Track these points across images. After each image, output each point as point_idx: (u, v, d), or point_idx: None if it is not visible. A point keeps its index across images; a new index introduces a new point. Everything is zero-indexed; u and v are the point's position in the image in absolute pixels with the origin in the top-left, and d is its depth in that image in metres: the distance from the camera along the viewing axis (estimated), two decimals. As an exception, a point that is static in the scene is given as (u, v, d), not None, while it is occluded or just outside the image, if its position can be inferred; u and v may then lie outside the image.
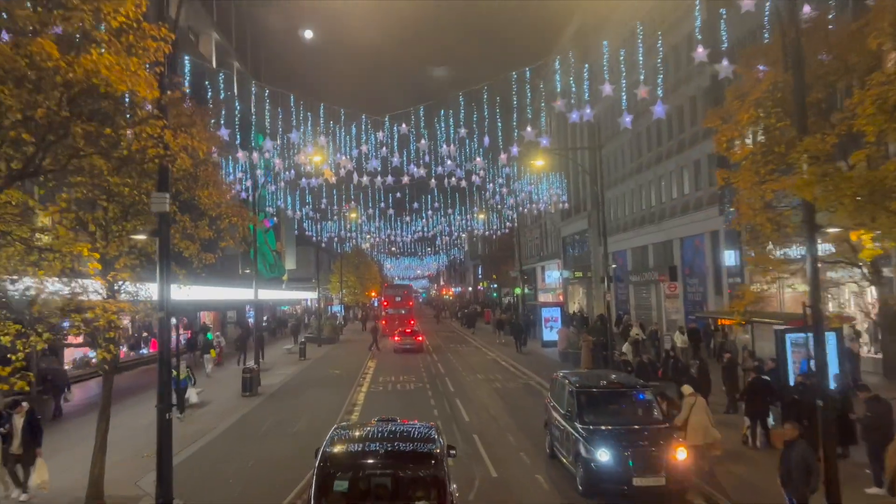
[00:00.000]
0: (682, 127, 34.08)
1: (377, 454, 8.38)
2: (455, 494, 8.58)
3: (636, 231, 39.81)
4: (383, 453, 8.37)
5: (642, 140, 39.33)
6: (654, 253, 38.51)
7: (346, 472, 8.09)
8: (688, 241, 34.25)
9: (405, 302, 52.51)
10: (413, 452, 8.54)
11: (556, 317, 37.70)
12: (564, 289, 56.10)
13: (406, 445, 8.76)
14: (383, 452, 8.39)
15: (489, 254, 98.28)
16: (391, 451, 8.44)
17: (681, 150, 34.04)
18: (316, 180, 27.53)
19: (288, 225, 65.60)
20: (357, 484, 7.97)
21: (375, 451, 8.46)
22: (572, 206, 52.23)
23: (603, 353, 26.48)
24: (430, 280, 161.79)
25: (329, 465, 8.10)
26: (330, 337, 43.43)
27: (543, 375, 25.76)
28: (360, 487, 7.95)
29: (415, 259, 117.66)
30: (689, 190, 33.58)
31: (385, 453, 8.37)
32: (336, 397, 21.82)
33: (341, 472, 8.04)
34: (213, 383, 25.52)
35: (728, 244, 28.76)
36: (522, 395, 22.49)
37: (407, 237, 55.94)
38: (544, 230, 64.67)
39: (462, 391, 23.30)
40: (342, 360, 34.06)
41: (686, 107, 33.37)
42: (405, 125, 20.99)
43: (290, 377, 27.28)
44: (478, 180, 30.14)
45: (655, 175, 37.51)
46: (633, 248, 41.26)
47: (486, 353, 37.13)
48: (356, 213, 44.86)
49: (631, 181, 41.20)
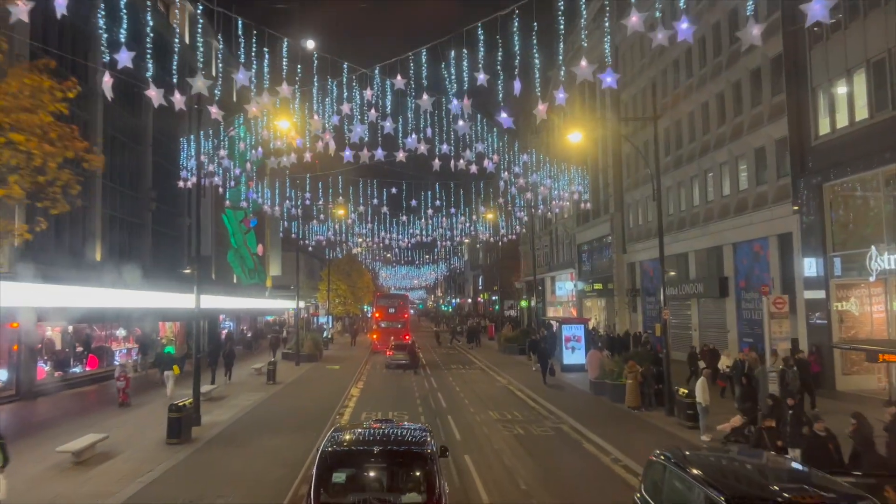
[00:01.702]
0: (738, 108, 28.11)
1: (373, 451, 8.81)
2: (446, 491, 8.69)
3: (673, 236, 33.75)
4: (378, 451, 8.79)
5: (682, 129, 33.37)
6: (697, 262, 32.48)
7: (343, 466, 8.44)
8: (743, 247, 28.22)
9: (400, 314, 46.33)
10: (406, 451, 8.87)
11: (579, 336, 31.58)
12: (579, 302, 50.00)
13: (400, 446, 9.07)
14: (378, 450, 8.81)
15: (490, 264, 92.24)
16: (386, 450, 8.82)
17: (736, 136, 28.06)
18: (288, 158, 21.47)
19: (273, 227, 59.48)
20: (353, 477, 8.37)
21: (371, 448, 8.89)
22: (590, 209, 46.24)
23: (656, 387, 20.35)
24: (428, 291, 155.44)
25: (328, 460, 8.42)
26: (311, 354, 37.21)
27: (577, 415, 19.57)
28: (357, 480, 8.35)
29: (412, 268, 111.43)
30: (746, 184, 27.56)
31: (380, 451, 8.79)
32: (297, 448, 15.65)
33: (339, 467, 8.39)
34: (142, 418, 19.33)
35: (808, 250, 22.73)
36: (558, 449, 16.35)
37: (403, 240, 49.64)
38: (555, 237, 58.68)
39: (471, 439, 17.15)
40: (320, 385, 27.84)
41: (745, 82, 27.43)
42: (400, 77, 14.99)
43: (244, 411, 21.06)
44: (490, 165, 24.11)
45: (700, 169, 31.50)
46: (668, 256, 35.10)
47: (494, 377, 30.93)
48: (345, 209, 38.72)
49: (666, 178, 35.16)
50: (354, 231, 51.09)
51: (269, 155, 23.32)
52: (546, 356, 26.60)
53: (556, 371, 26.56)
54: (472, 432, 17.94)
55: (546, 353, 26.75)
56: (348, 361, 37.92)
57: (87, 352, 28.76)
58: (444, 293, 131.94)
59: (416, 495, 7.98)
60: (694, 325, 32.78)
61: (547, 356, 26.72)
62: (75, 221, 27.49)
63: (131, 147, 33.33)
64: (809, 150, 22.92)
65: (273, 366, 27.88)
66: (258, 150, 23.83)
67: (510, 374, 30.54)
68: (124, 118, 32.32)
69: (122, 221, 32.53)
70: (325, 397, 23.72)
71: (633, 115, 37.74)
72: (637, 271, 39.64)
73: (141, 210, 34.49)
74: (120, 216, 32.06)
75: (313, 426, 18.06)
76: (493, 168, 24.77)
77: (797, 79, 23.50)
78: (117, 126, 31.41)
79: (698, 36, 31.07)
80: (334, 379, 29.42)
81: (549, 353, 28.01)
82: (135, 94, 33.73)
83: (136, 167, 34.17)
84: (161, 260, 36.87)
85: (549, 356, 26.67)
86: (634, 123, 36.42)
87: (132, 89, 33.40)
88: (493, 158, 25.23)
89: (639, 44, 37.62)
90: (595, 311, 47.90)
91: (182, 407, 16.22)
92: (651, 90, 32.64)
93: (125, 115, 32.30)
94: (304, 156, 20.93)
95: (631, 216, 40.38)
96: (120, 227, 32.23)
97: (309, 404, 22.13)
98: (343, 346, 51.30)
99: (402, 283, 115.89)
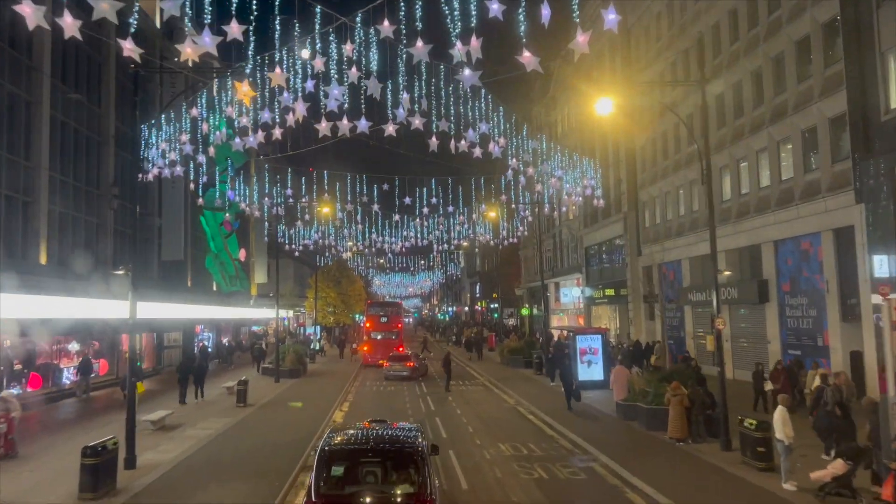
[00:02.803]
0: (780, 85, 24.47)
1: (368, 448, 9.35)
2: (436, 486, 8.89)
3: (699, 235, 30.06)
4: (373, 448, 9.36)
5: (709, 114, 29.63)
6: (728, 263, 28.68)
7: (341, 461, 8.91)
8: (787, 245, 24.51)
9: (393, 324, 42.39)
10: (399, 448, 9.29)
11: (595, 348, 27.76)
12: (586, 310, 46.21)
13: (393, 444, 9.56)
14: (373, 447, 9.38)
15: (489, 270, 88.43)
16: (380, 448, 9.38)
17: (778, 117, 24.40)
18: (256, 137, 17.66)
19: (258, 231, 55.55)
20: (350, 471, 8.80)
21: (367, 445, 9.44)
22: (600, 207, 42.53)
23: (706, 413, 16.55)
24: (423, 300, 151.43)
25: (327, 456, 8.90)
26: (293, 369, 33.28)
27: (609, 449, 15.73)
28: (353, 474, 8.77)
29: (406, 275, 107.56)
30: (792, 172, 23.86)
31: (374, 448, 9.35)
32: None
33: (337, 462, 8.86)
34: (58, 460, 15.39)
35: (876, 245, 19.01)
36: (595, 502, 12.51)
37: (396, 244, 45.76)
38: (558, 240, 54.95)
39: (481, 487, 13.33)
40: (300, 408, 23.91)
41: (789, 55, 23.80)
42: (388, 23, 11.23)
43: (199, 445, 17.13)
44: (496, 149, 20.36)
45: (731, 158, 27.81)
46: (693, 257, 31.44)
47: (500, 395, 27.07)
48: (331, 206, 34.83)
49: (690, 170, 31.48)
50: (344, 234, 47.26)
51: (235, 133, 19.46)
52: (570, 377, 22.23)
53: (580, 395, 21.98)
54: (481, 476, 14.07)
55: (571, 372, 22.35)
56: (335, 377, 34.00)
57: (28, 370, 24.80)
58: (439, 301, 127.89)
59: (408, 486, 8.48)
60: (724, 335, 28.89)
61: (571, 377, 22.34)
62: (12, 216, 23.61)
63: (87, 136, 29.45)
64: (877, 128, 19.26)
65: (244, 385, 23.92)
66: (223, 130, 20.02)
67: (518, 392, 26.67)
68: (80, 103, 28.46)
69: (77, 220, 28.62)
70: (302, 424, 19.80)
71: (657, 97, 34.09)
72: (655, 275, 35.89)
73: (100, 208, 30.58)
74: (73, 214, 28.17)
75: (279, 470, 14.14)
76: (499, 152, 21.03)
77: (859, 44, 19.88)
78: (69, 111, 27.57)
79: (728, 7, 27.52)
80: (316, 400, 25.50)
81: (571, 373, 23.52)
82: (92, 76, 30.03)
83: (94, 160, 30.29)
84: (125, 264, 32.87)
85: (574, 376, 22.13)
86: (664, 100, 32.70)
87: (88, 69, 29.73)
88: (500, 142, 21.53)
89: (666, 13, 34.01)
90: (604, 319, 44.13)
91: (101, 448, 12.30)
92: (698, 47, 28.74)
93: (80, 99, 28.44)
94: (272, 131, 17.11)
95: (647, 214, 36.66)
96: (74, 227, 28.32)
97: (280, 436, 18.20)
98: (332, 358, 47.33)
99: (397, 291, 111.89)
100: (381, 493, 8.50)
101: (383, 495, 8.48)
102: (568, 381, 21.16)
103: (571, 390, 21.41)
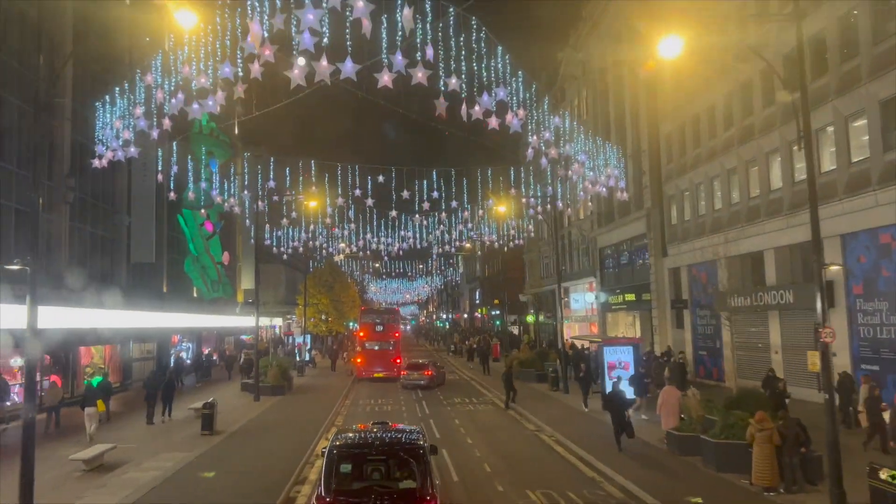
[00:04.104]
0: (848, 51, 20.61)
1: (374, 447, 9.92)
2: (437, 483, 9.39)
3: (739, 231, 26.20)
4: (378, 447, 9.88)
5: (753, 90, 25.84)
6: (779, 262, 24.87)
7: (349, 460, 9.46)
8: (860, 239, 20.59)
9: (389, 333, 38.32)
10: (401, 448, 9.74)
11: (626, 362, 23.79)
12: (601, 317, 42.27)
13: (396, 444, 9.99)
14: (378, 447, 9.90)
15: (490, 276, 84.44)
16: (384, 447, 9.83)
17: (846, 88, 20.54)
18: (216, 100, 13.74)
19: (245, 234, 51.41)
20: (358, 469, 9.39)
21: (372, 445, 10.03)
22: (616, 205, 38.69)
23: (800, 451, 12.59)
24: (420, 307, 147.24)
25: (336, 455, 9.43)
26: (277, 385, 29.21)
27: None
28: (360, 471, 9.36)
29: (403, 281, 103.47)
30: (868, 152, 19.96)
31: (379, 448, 9.84)
32: None
33: (345, 460, 9.40)
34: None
35: None
36: None
37: (393, 244, 41.71)
38: (567, 242, 51.03)
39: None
40: (275, 436, 19.85)
41: (862, 11, 19.96)
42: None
43: (135, 497, 13.07)
44: (516, 121, 16.49)
45: (782, 141, 23.92)
46: (732, 257, 27.50)
47: (517, 418, 23.04)
48: (319, 199, 30.78)
49: (727, 157, 27.63)
50: (335, 234, 43.29)
51: (191, 98, 15.48)
52: (621, 409, 16.65)
53: (632, 431, 16.64)
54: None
55: (623, 403, 16.80)
56: (324, 394, 29.95)
57: (-47, 390, 20.75)
58: (436, 308, 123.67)
59: (411, 482, 9.04)
60: (774, 346, 25.07)
61: (622, 408, 16.69)
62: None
63: (33, 115, 25.39)
64: None
65: (210, 409, 19.83)
66: (177, 94, 16.06)
67: (537, 415, 22.67)
68: (19, 73, 24.48)
69: (21, 214, 24.58)
70: (277, 463, 15.78)
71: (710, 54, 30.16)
72: (683, 278, 31.94)
73: (53, 201, 26.57)
74: (17, 207, 24.16)
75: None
76: (518, 124, 17.09)
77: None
78: (4, 81, 23.62)
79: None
80: (299, 424, 21.45)
81: (622, 403, 17.13)
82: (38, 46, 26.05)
83: (43, 145, 26.21)
84: (85, 267, 28.94)
85: (621, 410, 16.48)
86: (745, 41, 28.72)
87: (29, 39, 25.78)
88: (518, 113, 17.58)
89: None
90: (621, 326, 40.18)
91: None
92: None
93: (19, 69, 24.46)
94: (234, 86, 13.19)
95: (674, 211, 32.75)
96: (17, 223, 24.29)
97: (245, 482, 14.15)
98: (324, 370, 43.19)
99: (393, 297, 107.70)
100: (387, 489, 9.02)
101: (388, 490, 8.99)
102: (619, 416, 16.39)
103: (623, 425, 16.50)
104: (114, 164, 29.70)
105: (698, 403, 16.16)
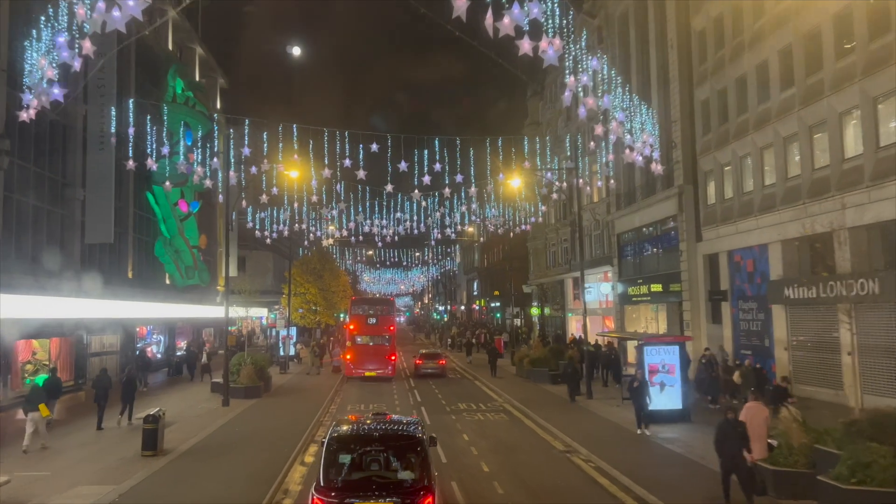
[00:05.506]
0: None
1: (373, 438, 9.59)
2: (435, 474, 9.24)
3: (800, 209, 22.06)
4: (377, 438, 9.60)
5: (819, 42, 21.59)
6: (854, 246, 20.58)
7: (348, 450, 9.33)
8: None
9: (383, 325, 34.04)
10: (401, 438, 9.71)
11: (671, 364, 19.63)
12: (618, 310, 38.14)
13: (394, 435, 9.85)
14: (377, 437, 9.61)
15: (489, 265, 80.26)
16: (383, 438, 9.60)
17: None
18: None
19: (228, 215, 46.87)
20: (357, 459, 9.25)
21: (371, 436, 9.67)
22: (641, 184, 34.50)
23: None
24: (415, 298, 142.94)
25: (335, 445, 9.36)
26: (250, 386, 24.95)
27: None
28: (359, 462, 9.23)
29: (398, 271, 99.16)
30: None
31: (379, 438, 9.58)
32: None
33: (344, 451, 9.31)
34: None
35: None
36: None
37: (388, 227, 37.28)
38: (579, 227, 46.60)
39: None
40: (238, 458, 15.56)
41: None
42: None
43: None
44: (551, 51, 12.25)
45: (865, 96, 19.66)
46: (787, 240, 23.37)
47: (541, 434, 18.79)
48: (302, 168, 26.35)
49: (781, 124, 23.41)
50: (325, 216, 38.97)
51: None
52: (734, 453, 11.24)
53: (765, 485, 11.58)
54: None
55: (733, 444, 11.18)
56: (307, 396, 25.73)
57: None
58: (431, 300, 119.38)
59: (409, 473, 8.98)
60: (845, 346, 20.87)
61: (734, 452, 11.25)
62: None
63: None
64: None
65: (154, 422, 15.51)
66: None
67: (563, 428, 18.47)
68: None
69: (-64, 180, 20.20)
70: (235, 500, 11.53)
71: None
72: (722, 266, 27.75)
73: (-20, 167, 22.12)
74: (-70, 171, 19.75)
75: None
76: (555, 56, 12.71)
77: None
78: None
79: None
80: (271, 439, 17.17)
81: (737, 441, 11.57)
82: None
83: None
84: (27, 246, 24.62)
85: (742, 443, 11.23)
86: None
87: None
88: (554, 43, 13.18)
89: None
90: (642, 321, 36.09)
91: None
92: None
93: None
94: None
95: (712, 188, 28.52)
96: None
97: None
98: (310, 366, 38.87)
99: (387, 288, 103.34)
100: (385, 480, 8.92)
101: (387, 481, 8.89)
102: (733, 463, 11.20)
103: (752, 483, 11.28)
104: (65, 131, 25.25)
105: (800, 427, 11.95)
